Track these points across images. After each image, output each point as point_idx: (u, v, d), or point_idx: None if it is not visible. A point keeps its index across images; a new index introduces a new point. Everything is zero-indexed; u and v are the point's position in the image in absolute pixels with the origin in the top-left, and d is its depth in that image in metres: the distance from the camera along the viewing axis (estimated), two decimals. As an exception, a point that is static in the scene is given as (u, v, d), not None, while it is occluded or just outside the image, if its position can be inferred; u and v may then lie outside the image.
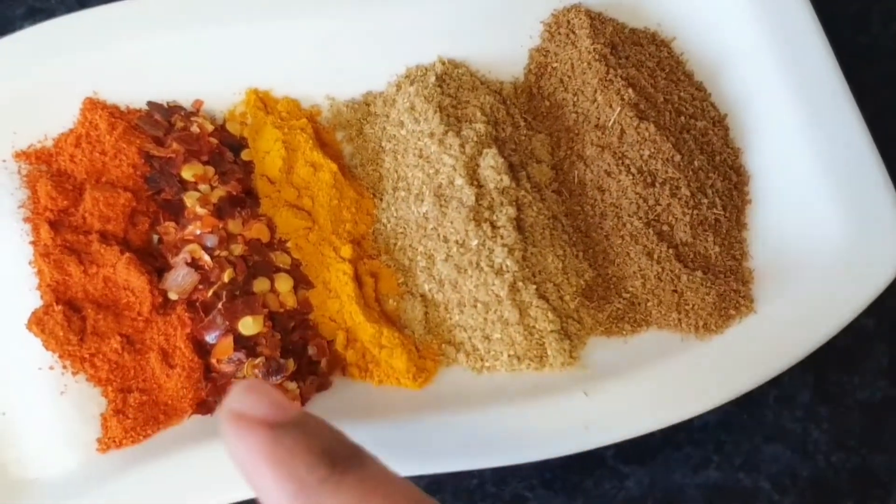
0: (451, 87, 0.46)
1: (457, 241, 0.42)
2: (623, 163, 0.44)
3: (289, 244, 0.44)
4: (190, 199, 0.43)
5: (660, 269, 0.43)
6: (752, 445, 0.46)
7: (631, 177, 0.43)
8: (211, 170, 0.44)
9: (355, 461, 0.24)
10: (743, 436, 0.46)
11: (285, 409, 0.25)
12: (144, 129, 0.44)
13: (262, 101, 0.46)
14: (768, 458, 0.45)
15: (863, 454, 0.46)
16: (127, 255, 0.41)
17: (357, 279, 0.43)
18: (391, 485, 0.24)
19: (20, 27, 0.50)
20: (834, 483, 0.45)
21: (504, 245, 0.42)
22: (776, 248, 0.44)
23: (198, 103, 0.46)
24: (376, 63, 0.47)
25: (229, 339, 0.40)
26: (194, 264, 0.42)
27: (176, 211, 0.43)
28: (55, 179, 0.43)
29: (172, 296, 0.42)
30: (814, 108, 0.44)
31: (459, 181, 0.43)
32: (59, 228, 0.42)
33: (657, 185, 0.43)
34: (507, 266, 0.42)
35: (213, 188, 0.44)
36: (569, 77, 0.46)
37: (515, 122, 0.46)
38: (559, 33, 0.47)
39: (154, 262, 0.43)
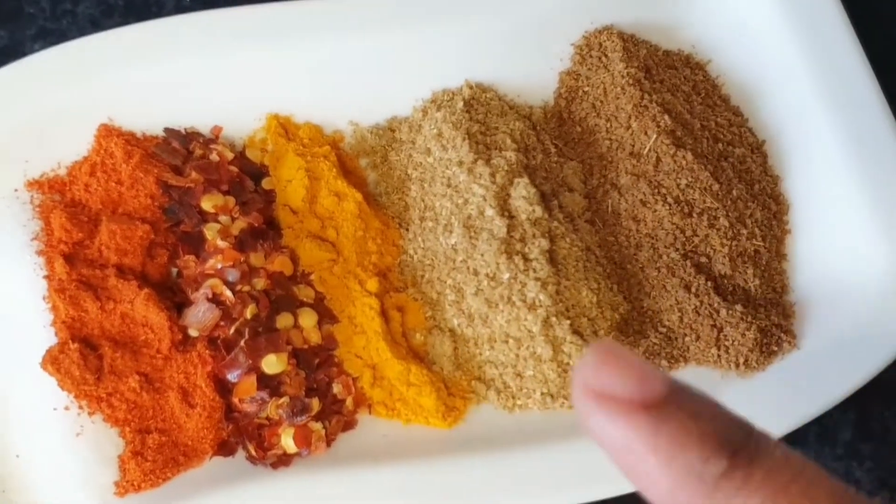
0: (479, 113, 0.45)
1: (487, 275, 0.41)
2: (659, 192, 0.42)
3: (312, 277, 0.42)
4: (210, 232, 0.41)
5: (698, 303, 0.41)
6: (792, 484, 0.44)
7: (667, 206, 0.42)
8: (231, 200, 0.42)
9: (755, 448, 0.20)
10: (783, 474, 0.44)
11: (656, 383, 0.20)
12: (162, 157, 0.43)
13: (283, 127, 0.44)
14: (809, 498, 0.44)
15: (907, 493, 0.44)
16: (145, 290, 0.40)
17: (383, 314, 0.41)
18: (811, 480, 0.20)
19: (31, 49, 0.48)
20: (876, 523, 0.44)
21: (537, 279, 0.40)
22: (818, 281, 0.42)
23: (217, 129, 0.44)
24: (401, 87, 0.46)
25: (252, 378, 0.39)
26: (215, 299, 0.40)
27: (196, 243, 0.41)
28: (69, 210, 0.41)
29: (193, 332, 0.40)
30: (855, 132, 0.43)
31: (490, 212, 0.41)
32: (75, 262, 0.40)
33: (695, 215, 0.42)
34: (540, 301, 0.40)
35: (233, 219, 0.42)
36: (601, 102, 0.45)
37: (546, 149, 0.45)
38: (591, 56, 0.45)
39: (173, 298, 0.41)
